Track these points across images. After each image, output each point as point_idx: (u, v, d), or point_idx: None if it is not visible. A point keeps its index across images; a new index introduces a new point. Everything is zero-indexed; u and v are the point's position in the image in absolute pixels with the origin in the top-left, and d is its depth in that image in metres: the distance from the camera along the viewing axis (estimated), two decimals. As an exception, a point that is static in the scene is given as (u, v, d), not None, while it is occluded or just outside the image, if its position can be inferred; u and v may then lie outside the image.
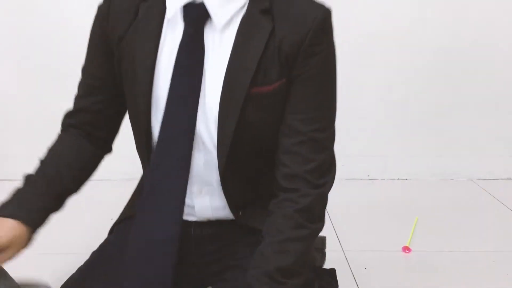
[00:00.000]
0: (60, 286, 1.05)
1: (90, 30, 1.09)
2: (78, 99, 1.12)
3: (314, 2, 0.97)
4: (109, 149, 1.17)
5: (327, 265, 1.26)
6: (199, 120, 0.96)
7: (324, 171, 0.99)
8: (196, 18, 0.94)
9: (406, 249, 1.98)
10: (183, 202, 0.99)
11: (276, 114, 0.97)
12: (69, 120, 1.14)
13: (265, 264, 0.92)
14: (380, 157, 2.80)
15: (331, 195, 2.44)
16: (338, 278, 1.21)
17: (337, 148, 2.97)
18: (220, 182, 1.01)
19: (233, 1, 0.94)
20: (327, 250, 1.27)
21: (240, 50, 0.93)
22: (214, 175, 1.01)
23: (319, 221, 1.00)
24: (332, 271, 1.21)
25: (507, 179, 2.80)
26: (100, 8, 1.05)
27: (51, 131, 2.81)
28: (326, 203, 1.03)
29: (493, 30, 2.66)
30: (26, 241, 0.97)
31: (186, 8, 0.95)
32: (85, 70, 1.11)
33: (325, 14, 0.95)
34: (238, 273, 1.00)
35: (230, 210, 1.05)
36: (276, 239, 0.94)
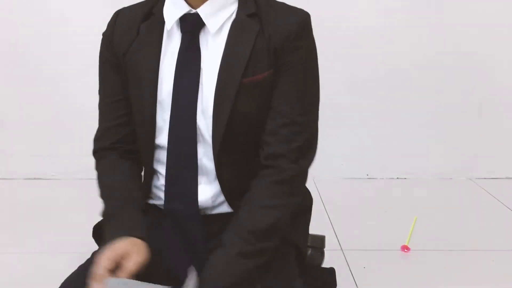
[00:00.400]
0: (59, 284, 1.05)
1: (98, 55, 1.16)
2: (101, 120, 1.18)
3: (295, 7, 1.10)
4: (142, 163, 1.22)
5: (326, 264, 1.26)
6: (198, 114, 1.05)
7: (304, 151, 1.07)
8: (192, 26, 1.07)
9: (405, 248, 1.98)
10: (196, 188, 1.09)
11: (265, 104, 1.06)
12: (99, 144, 1.18)
13: (238, 227, 1.00)
14: (379, 156, 2.80)
15: (330, 194, 2.43)
16: (337, 277, 1.21)
17: (336, 147, 2.98)
18: (215, 171, 1.08)
19: (223, 9, 1.07)
20: (326, 249, 1.27)
21: (232, 47, 1.05)
22: (211, 165, 1.09)
23: (296, 195, 1.08)
24: (331, 270, 1.21)
25: (506, 178, 2.81)
26: (104, 34, 1.16)
27: (50, 130, 2.82)
28: (305, 179, 1.11)
29: (493, 30, 2.66)
30: (143, 252, 1.00)
31: (183, 19, 1.07)
32: (101, 92, 1.18)
33: (305, 16, 1.09)
34: None
35: (225, 197, 1.11)
36: (251, 206, 1.03)
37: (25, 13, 2.63)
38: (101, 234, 1.17)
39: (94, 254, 1.13)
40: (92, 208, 1.18)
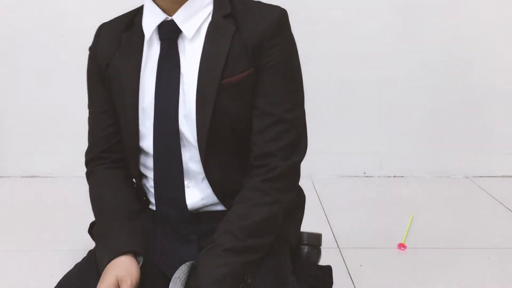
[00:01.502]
0: (57, 282, 1.05)
1: (86, 70, 1.20)
2: (90, 133, 1.21)
3: (270, 4, 1.10)
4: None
5: (322, 262, 1.26)
6: (181, 119, 1.06)
7: (294, 147, 1.08)
8: (169, 34, 1.07)
9: (402, 246, 1.98)
10: (184, 193, 1.10)
11: (248, 103, 1.07)
12: (89, 155, 1.21)
13: (229, 224, 1.01)
14: (376, 154, 2.81)
15: (327, 192, 2.43)
16: (333, 275, 1.21)
17: (334, 145, 2.97)
18: (204, 173, 1.09)
19: (198, 13, 1.07)
20: (322, 247, 1.27)
21: (209, 51, 1.05)
22: (198, 168, 1.09)
23: (288, 192, 1.08)
24: (328, 268, 1.22)
25: (503, 176, 2.81)
26: (90, 48, 1.19)
27: (47, 128, 2.81)
28: (296, 175, 1.11)
29: (491, 29, 2.67)
30: (135, 271, 1.00)
31: (160, 27, 1.08)
32: (90, 104, 1.21)
33: (281, 12, 1.08)
34: None
35: (218, 198, 1.12)
36: (242, 205, 1.03)
37: (23, 12, 2.62)
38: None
39: (90, 252, 1.14)
40: (89, 206, 1.18)
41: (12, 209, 2.37)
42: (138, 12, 1.15)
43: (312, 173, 2.73)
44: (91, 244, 1.15)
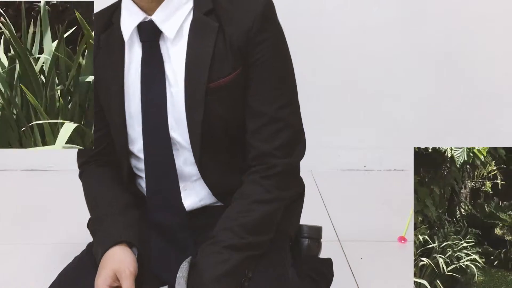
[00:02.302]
0: (56, 275, 1.05)
1: None
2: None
3: None
4: None
5: (323, 255, 1.26)
6: (171, 123, 1.03)
7: (292, 145, 1.05)
8: (149, 35, 1.02)
9: (402, 239, 1.98)
10: (180, 195, 1.08)
11: (238, 103, 1.04)
12: (80, 160, 1.19)
13: (229, 221, 0.99)
14: (377, 148, 2.80)
15: (327, 186, 2.41)
16: (334, 268, 1.21)
17: (334, 139, 2.95)
18: (200, 176, 1.07)
19: (177, 11, 1.01)
20: (323, 240, 1.27)
21: (193, 53, 1.01)
22: (194, 171, 1.07)
23: (287, 189, 1.06)
24: (328, 261, 1.22)
25: (503, 169, 2.81)
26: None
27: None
28: (296, 173, 1.10)
29: (491, 24, 2.65)
30: (131, 260, 0.99)
31: (140, 27, 1.03)
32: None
33: (265, 5, 1.01)
34: None
35: (216, 198, 1.10)
36: (241, 201, 1.02)
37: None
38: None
39: (89, 245, 1.13)
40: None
41: (13, 203, 2.37)
42: (116, 9, 1.09)
43: (312, 167, 2.72)
44: (90, 237, 1.15)
